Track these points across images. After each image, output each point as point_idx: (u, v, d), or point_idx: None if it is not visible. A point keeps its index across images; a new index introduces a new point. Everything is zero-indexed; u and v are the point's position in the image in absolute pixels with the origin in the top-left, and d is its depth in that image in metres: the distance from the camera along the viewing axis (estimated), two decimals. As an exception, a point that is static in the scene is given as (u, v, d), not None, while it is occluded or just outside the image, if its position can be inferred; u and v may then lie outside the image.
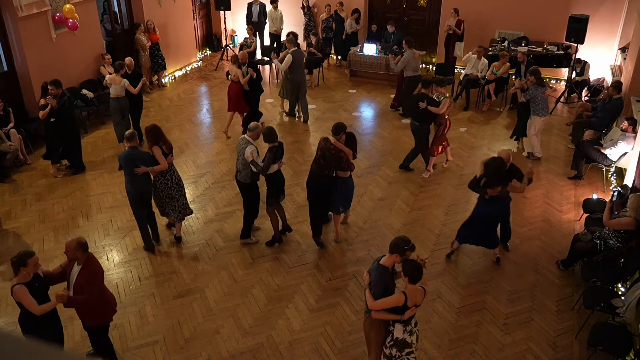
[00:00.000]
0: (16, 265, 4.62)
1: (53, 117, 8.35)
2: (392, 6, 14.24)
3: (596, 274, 6.09)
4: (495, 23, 12.94)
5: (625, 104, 9.51)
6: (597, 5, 11.94)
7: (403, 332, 4.66)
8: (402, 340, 4.68)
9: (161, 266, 6.90)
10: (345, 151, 6.68)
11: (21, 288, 4.60)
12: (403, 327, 4.65)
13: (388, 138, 10.37)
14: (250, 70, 9.78)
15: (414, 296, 4.52)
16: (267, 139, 6.64)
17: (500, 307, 6.23)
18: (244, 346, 5.69)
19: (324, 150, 6.69)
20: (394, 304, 4.53)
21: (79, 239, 4.85)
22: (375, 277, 4.70)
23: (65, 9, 9.93)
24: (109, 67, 11.14)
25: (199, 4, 14.88)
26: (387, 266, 4.72)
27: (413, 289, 4.53)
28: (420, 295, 4.58)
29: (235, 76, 9.80)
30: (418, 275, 4.52)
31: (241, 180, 6.89)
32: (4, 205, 8.14)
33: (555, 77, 12.96)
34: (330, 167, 6.71)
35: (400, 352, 4.71)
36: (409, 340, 4.69)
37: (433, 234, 7.53)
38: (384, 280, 4.66)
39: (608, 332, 5.35)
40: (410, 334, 4.70)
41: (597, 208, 7.40)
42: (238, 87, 9.85)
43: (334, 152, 6.63)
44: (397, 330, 4.66)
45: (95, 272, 4.97)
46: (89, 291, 4.86)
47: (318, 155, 6.80)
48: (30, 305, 4.63)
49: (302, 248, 7.25)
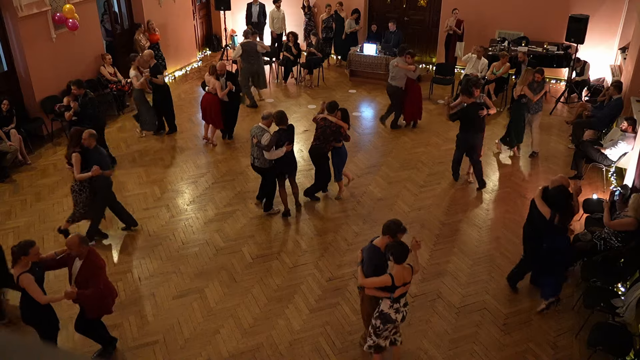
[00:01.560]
0: (17, 254, 4.76)
1: (76, 116, 8.47)
2: (392, 6, 14.24)
3: (596, 274, 6.09)
4: (495, 23, 12.94)
5: (625, 104, 9.51)
6: (597, 5, 11.94)
7: (389, 307, 4.85)
8: (387, 314, 4.87)
9: (161, 266, 6.90)
10: (342, 125, 7.67)
11: (27, 276, 4.75)
12: (390, 303, 4.84)
13: (388, 138, 10.37)
14: (229, 84, 9.43)
15: (401, 275, 4.72)
16: (278, 121, 7.33)
17: (500, 307, 6.23)
18: (244, 346, 5.69)
19: (324, 128, 7.67)
20: (381, 284, 4.76)
21: (79, 234, 4.98)
22: (366, 256, 5.00)
23: (65, 9, 9.93)
24: (109, 67, 11.15)
25: (199, 4, 14.88)
26: (379, 247, 4.95)
27: (400, 268, 4.72)
28: (407, 274, 4.77)
29: (213, 88, 9.39)
30: (402, 256, 4.70)
31: (260, 166, 7.51)
32: (4, 205, 8.14)
33: (555, 77, 12.96)
34: (329, 141, 7.70)
35: (383, 325, 4.90)
36: (394, 317, 4.87)
37: (433, 234, 7.53)
38: (373, 260, 4.92)
39: (608, 332, 5.35)
40: (397, 312, 4.88)
41: (597, 208, 7.40)
42: (214, 99, 9.48)
43: (335, 128, 7.64)
44: (384, 304, 4.87)
45: (98, 266, 5.07)
46: (94, 284, 4.98)
47: (318, 134, 7.76)
48: (37, 294, 4.78)
49: (302, 248, 7.25)
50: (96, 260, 5.07)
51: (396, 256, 4.71)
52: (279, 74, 13.38)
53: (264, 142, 7.18)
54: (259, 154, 7.37)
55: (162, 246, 7.28)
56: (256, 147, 7.33)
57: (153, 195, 8.44)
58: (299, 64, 12.94)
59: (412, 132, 10.60)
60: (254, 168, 7.69)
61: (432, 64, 13.95)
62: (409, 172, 9.10)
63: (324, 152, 7.80)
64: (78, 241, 4.88)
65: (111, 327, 5.89)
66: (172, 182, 8.83)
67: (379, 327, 4.92)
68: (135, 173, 9.04)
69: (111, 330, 5.84)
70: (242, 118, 10.69)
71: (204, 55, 15.19)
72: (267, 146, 7.17)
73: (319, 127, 7.77)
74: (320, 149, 7.78)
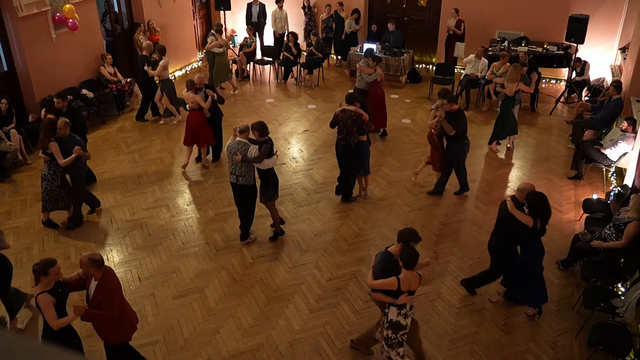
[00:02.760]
0: (37, 274, 4.54)
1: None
2: (392, 6, 14.24)
3: (596, 274, 6.09)
4: (496, 23, 12.94)
5: (625, 104, 9.51)
6: (597, 5, 11.94)
7: (397, 314, 4.85)
8: (397, 322, 4.86)
9: (161, 266, 6.90)
10: (363, 114, 7.59)
11: (45, 297, 4.50)
12: (397, 310, 4.83)
13: (388, 138, 10.36)
14: (210, 92, 8.76)
15: (407, 282, 4.71)
16: (262, 132, 6.76)
17: (500, 307, 6.23)
18: (244, 346, 5.69)
19: (345, 119, 7.59)
20: (387, 286, 4.77)
21: (91, 255, 4.61)
22: (378, 260, 5.02)
23: (65, 9, 9.93)
24: (109, 67, 11.16)
25: (199, 4, 14.88)
26: (393, 253, 4.94)
27: (408, 274, 4.71)
28: (415, 282, 4.75)
29: (194, 103, 8.73)
30: (411, 262, 4.69)
31: (245, 184, 6.88)
32: (4, 205, 8.14)
33: (555, 77, 12.96)
34: (352, 132, 7.63)
35: (395, 334, 4.89)
36: (404, 323, 4.87)
37: (433, 234, 7.53)
38: (383, 265, 4.92)
39: (608, 332, 5.35)
40: (405, 317, 4.87)
41: (597, 208, 7.40)
42: (200, 114, 8.80)
43: (355, 117, 7.57)
44: (392, 313, 4.86)
45: (111, 289, 4.69)
46: (107, 308, 4.65)
47: (340, 127, 7.70)
48: (50, 318, 4.53)
49: (302, 248, 7.25)
50: (109, 283, 4.69)
51: (405, 261, 4.69)
52: (279, 74, 13.38)
53: (253, 155, 6.65)
54: (243, 171, 6.77)
55: (162, 246, 7.28)
56: (239, 165, 6.73)
57: (153, 195, 8.44)
58: (299, 64, 12.94)
59: (412, 132, 10.60)
60: (238, 187, 6.96)
61: (432, 64, 13.96)
62: (409, 172, 9.09)
63: (349, 144, 7.69)
64: (86, 261, 4.56)
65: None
66: (172, 182, 8.83)
67: (391, 337, 4.90)
68: (135, 173, 9.04)
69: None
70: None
71: (204, 55, 15.17)
72: (257, 158, 6.65)
73: (340, 121, 7.66)
74: (346, 141, 7.69)
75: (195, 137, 8.94)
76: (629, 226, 6.11)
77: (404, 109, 11.67)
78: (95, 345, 5.63)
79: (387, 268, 4.89)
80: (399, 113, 11.45)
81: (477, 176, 9.06)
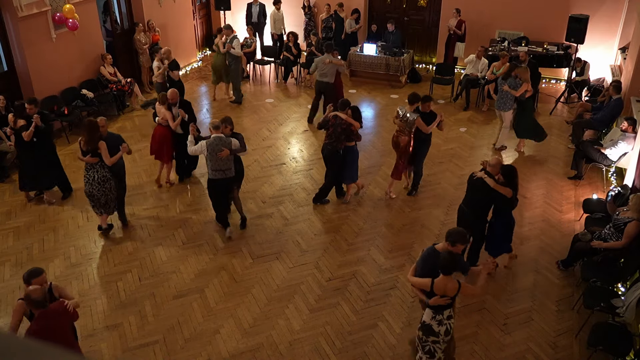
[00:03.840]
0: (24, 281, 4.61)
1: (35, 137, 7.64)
2: (392, 6, 14.23)
3: (596, 274, 6.09)
4: (496, 23, 12.93)
5: (625, 104, 9.51)
6: (597, 5, 11.94)
7: (431, 318, 4.76)
8: (429, 325, 4.78)
9: (161, 266, 6.90)
10: (354, 124, 7.59)
11: (20, 304, 4.55)
12: (432, 314, 4.75)
13: (388, 138, 10.33)
14: (182, 112, 8.21)
15: (442, 285, 4.60)
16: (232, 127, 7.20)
17: (500, 307, 6.23)
18: (244, 346, 5.69)
19: (335, 125, 7.60)
20: (421, 286, 4.77)
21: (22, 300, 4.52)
22: (422, 256, 5.06)
23: (65, 9, 9.93)
24: (109, 67, 11.15)
25: (199, 4, 14.88)
26: (439, 250, 4.89)
27: (444, 279, 4.60)
28: (452, 287, 4.60)
29: (163, 119, 8.17)
30: (447, 267, 4.58)
31: (231, 175, 7.18)
32: (4, 205, 8.14)
33: (555, 77, 12.96)
34: (341, 140, 7.63)
35: (426, 336, 4.82)
36: (436, 330, 4.76)
37: (433, 234, 7.53)
38: (426, 261, 4.93)
39: (608, 332, 5.35)
40: (439, 324, 4.75)
41: (597, 208, 7.40)
42: (166, 131, 8.22)
43: (345, 126, 7.57)
44: (426, 315, 4.82)
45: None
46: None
47: (330, 132, 7.70)
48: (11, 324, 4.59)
49: (302, 248, 7.25)
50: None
51: (442, 265, 4.59)
52: (279, 74, 13.38)
53: (239, 146, 7.01)
54: (229, 164, 7.00)
55: (162, 246, 7.28)
56: (224, 160, 6.91)
57: (153, 195, 8.44)
58: (299, 64, 12.94)
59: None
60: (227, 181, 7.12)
61: (432, 64, 13.95)
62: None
63: (336, 150, 7.69)
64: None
65: (111, 327, 5.91)
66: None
67: (422, 339, 4.86)
68: (136, 173, 9.03)
69: (111, 330, 5.86)
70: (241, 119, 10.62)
71: (204, 55, 15.19)
72: (243, 147, 7.11)
73: (330, 126, 7.67)
74: (332, 147, 7.69)
75: (158, 153, 8.44)
76: (629, 226, 6.11)
77: (404, 109, 11.66)
78: (95, 345, 5.64)
79: (429, 265, 4.84)
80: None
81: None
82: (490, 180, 6.08)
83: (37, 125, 7.53)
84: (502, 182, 6.11)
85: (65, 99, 10.20)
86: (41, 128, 7.63)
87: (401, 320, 6.02)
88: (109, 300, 6.31)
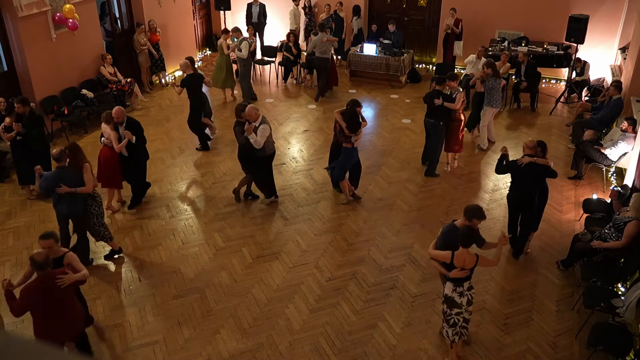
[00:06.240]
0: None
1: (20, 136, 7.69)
2: (392, 6, 14.23)
3: (596, 274, 6.09)
4: (495, 23, 12.93)
5: (625, 104, 9.51)
6: (597, 5, 11.94)
7: (452, 291, 5.06)
8: (451, 298, 5.08)
9: (161, 266, 6.90)
10: (341, 125, 7.73)
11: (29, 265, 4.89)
12: (453, 287, 5.05)
13: (388, 138, 10.37)
14: (128, 134, 7.35)
15: (462, 258, 4.92)
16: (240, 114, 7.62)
17: (500, 307, 6.23)
18: (244, 346, 5.69)
19: (336, 122, 7.96)
20: (441, 258, 5.06)
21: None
22: (443, 231, 5.39)
23: (65, 9, 9.93)
24: (109, 67, 11.15)
25: (199, 4, 14.88)
26: (458, 226, 5.24)
27: (463, 252, 4.92)
28: (470, 260, 4.92)
29: (108, 139, 7.41)
30: (466, 241, 4.92)
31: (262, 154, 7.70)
32: (4, 205, 8.15)
33: (555, 77, 12.96)
34: (336, 135, 8.01)
35: (450, 309, 5.13)
36: (458, 301, 5.07)
37: (433, 234, 7.51)
38: (446, 236, 5.25)
39: (608, 332, 5.34)
40: (460, 296, 5.06)
41: (597, 208, 7.40)
42: (111, 153, 7.45)
43: (339, 127, 7.85)
44: (447, 288, 5.11)
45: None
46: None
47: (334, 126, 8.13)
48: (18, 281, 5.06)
49: (302, 248, 7.25)
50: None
51: (461, 238, 4.93)
52: (279, 74, 13.38)
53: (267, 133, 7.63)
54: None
55: (162, 246, 7.28)
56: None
57: (153, 195, 8.43)
58: (299, 64, 12.94)
59: (412, 132, 10.59)
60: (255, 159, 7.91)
61: (432, 64, 13.95)
62: (409, 172, 9.10)
63: (338, 144, 8.00)
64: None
65: (111, 327, 5.91)
66: (172, 182, 8.83)
67: (447, 312, 5.15)
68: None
69: (111, 330, 5.86)
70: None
71: (204, 55, 15.19)
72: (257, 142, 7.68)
73: (336, 121, 7.97)
74: (335, 139, 8.10)
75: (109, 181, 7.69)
76: (629, 226, 6.11)
77: (404, 109, 11.67)
78: (94, 345, 5.63)
79: (449, 239, 5.11)
80: (399, 113, 11.45)
81: (477, 176, 9.07)
82: (542, 160, 6.56)
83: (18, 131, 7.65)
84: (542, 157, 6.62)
85: (65, 99, 10.20)
86: (22, 132, 7.71)
87: (401, 320, 6.02)
88: (109, 300, 6.31)
